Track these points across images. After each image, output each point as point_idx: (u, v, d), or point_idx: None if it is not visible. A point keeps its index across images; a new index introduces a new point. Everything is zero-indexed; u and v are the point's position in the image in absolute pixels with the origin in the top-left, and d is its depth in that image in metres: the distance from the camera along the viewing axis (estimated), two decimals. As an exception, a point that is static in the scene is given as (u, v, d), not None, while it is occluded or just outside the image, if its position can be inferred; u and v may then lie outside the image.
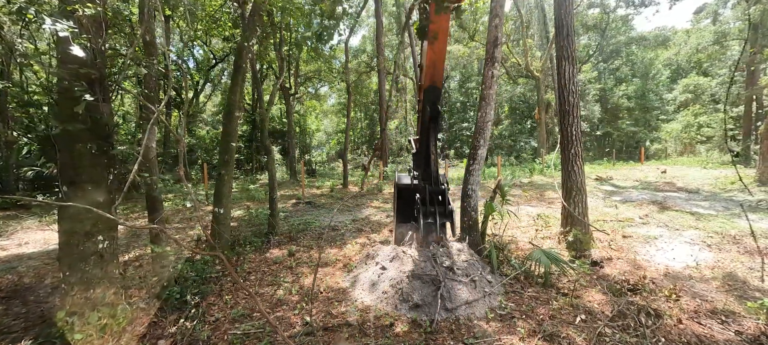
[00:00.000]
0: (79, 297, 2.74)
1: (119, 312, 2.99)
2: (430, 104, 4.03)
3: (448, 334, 3.07)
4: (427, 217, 4.13)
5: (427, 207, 4.17)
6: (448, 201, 4.24)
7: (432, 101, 4.01)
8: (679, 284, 3.95)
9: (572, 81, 5.12)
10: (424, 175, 4.49)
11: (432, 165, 4.34)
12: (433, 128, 4.19)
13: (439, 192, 4.30)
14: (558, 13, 5.26)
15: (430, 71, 3.74)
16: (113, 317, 2.95)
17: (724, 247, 5.24)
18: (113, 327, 2.95)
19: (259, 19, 5.69)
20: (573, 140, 5.13)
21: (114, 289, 2.99)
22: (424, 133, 4.32)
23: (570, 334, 3.00)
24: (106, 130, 2.97)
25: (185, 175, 2.57)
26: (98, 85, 2.75)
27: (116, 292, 3.00)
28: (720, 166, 15.48)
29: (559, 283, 4.05)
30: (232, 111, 5.35)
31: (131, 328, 3.15)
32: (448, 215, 4.18)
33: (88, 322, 2.71)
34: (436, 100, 4.02)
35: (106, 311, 2.91)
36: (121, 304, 3.02)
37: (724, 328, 3.09)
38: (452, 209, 4.22)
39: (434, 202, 4.25)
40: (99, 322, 2.79)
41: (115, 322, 2.96)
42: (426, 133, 4.27)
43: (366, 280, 4.11)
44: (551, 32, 21.03)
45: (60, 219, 2.90)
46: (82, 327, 2.71)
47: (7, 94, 9.78)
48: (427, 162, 4.40)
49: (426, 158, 4.43)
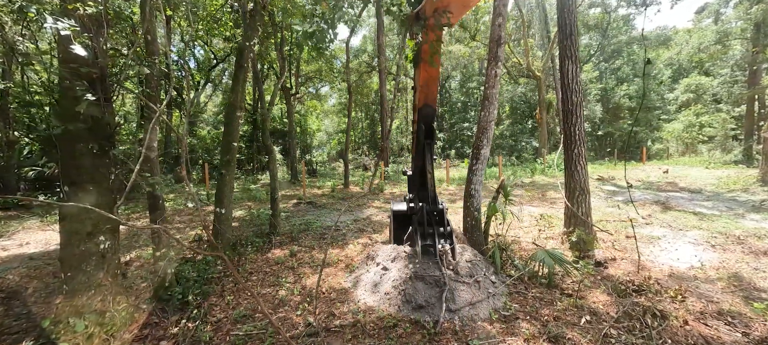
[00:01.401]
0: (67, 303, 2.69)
1: (108, 318, 2.93)
2: (425, 123, 4.03)
3: (452, 336, 3.04)
4: (425, 239, 3.94)
5: (426, 228, 3.98)
6: (446, 221, 4.06)
7: (427, 120, 4.02)
8: (684, 285, 3.91)
9: (575, 80, 5.09)
10: (421, 195, 4.38)
11: (429, 184, 4.21)
12: (429, 146, 4.14)
13: (436, 212, 4.14)
14: (561, 12, 5.23)
15: (423, 91, 3.78)
16: (101, 325, 2.88)
17: (728, 247, 5.20)
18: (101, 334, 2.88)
19: (261, 19, 5.67)
20: (576, 140, 5.10)
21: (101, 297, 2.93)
22: (420, 152, 4.28)
23: (575, 336, 2.97)
24: (108, 129, 2.96)
25: (187, 175, 2.55)
26: (99, 85, 2.74)
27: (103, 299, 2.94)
28: (722, 166, 15.43)
29: (562, 284, 4.02)
30: (234, 111, 5.33)
31: (121, 335, 3.09)
32: (447, 236, 3.99)
33: (74, 330, 2.66)
34: (431, 120, 4.02)
35: (94, 318, 2.83)
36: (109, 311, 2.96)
37: (731, 329, 3.06)
38: (451, 230, 4.03)
39: (432, 222, 4.07)
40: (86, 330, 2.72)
41: (103, 329, 2.89)
42: (422, 151, 4.24)
43: (368, 280, 4.08)
44: (552, 32, 21.00)
45: (61, 219, 2.89)
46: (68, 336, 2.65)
47: (9, 94, 9.79)
48: (424, 181, 4.29)
49: (422, 177, 4.34)
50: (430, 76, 3.61)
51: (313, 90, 26.28)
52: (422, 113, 4.00)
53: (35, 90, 8.30)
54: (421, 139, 4.15)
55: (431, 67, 3.47)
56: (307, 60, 18.24)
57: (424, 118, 4.02)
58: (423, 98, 3.87)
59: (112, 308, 2.99)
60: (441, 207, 4.17)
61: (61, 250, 2.93)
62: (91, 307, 2.82)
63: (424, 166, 4.19)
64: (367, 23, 28.93)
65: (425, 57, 3.36)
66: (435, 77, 3.66)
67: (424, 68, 3.52)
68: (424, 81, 3.67)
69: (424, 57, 3.36)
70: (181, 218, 8.73)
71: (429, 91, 3.78)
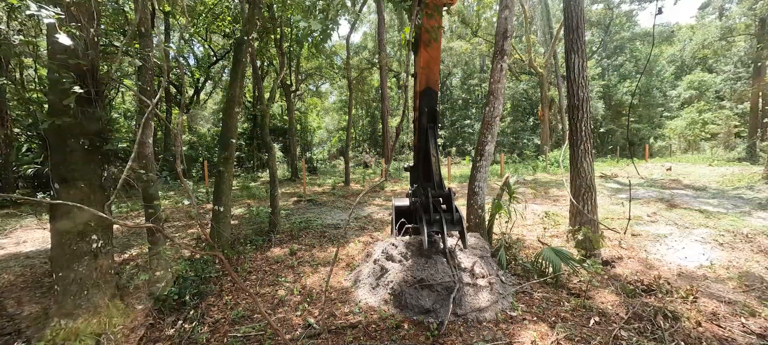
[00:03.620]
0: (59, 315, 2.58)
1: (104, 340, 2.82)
2: (428, 107, 3.89)
3: (457, 337, 2.94)
4: (431, 226, 3.45)
5: (432, 215, 3.47)
6: (455, 208, 3.54)
7: (429, 104, 3.88)
8: (695, 284, 3.81)
9: (582, 75, 4.96)
10: (426, 179, 4.08)
11: (433, 168, 3.85)
12: (432, 131, 4.01)
13: (443, 196, 3.66)
14: (567, 5, 5.09)
15: (424, 73, 3.61)
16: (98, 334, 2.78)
17: (736, 245, 5.09)
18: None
19: (259, 13, 5.55)
20: (582, 136, 4.98)
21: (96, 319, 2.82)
22: (423, 136, 4.13)
23: (584, 337, 2.87)
24: (99, 124, 2.84)
25: (182, 172, 2.44)
26: (90, 77, 2.62)
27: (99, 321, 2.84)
28: (726, 163, 15.28)
29: (569, 283, 3.91)
30: (232, 106, 5.22)
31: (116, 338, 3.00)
32: (456, 223, 3.46)
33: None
34: (433, 104, 3.88)
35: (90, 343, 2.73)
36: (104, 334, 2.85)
37: (746, 330, 2.95)
38: (461, 216, 3.51)
39: (439, 209, 3.64)
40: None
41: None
42: (425, 136, 4.09)
43: (369, 281, 3.98)
44: (554, 28, 20.79)
45: (52, 218, 2.79)
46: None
47: (6, 91, 9.67)
48: (428, 164, 3.98)
49: (426, 160, 4.10)
50: (430, 58, 3.44)
51: (314, 87, 26.12)
52: (424, 97, 3.85)
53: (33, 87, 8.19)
54: (424, 124, 4.01)
55: (431, 48, 3.31)
56: (307, 57, 18.09)
57: (426, 102, 3.87)
58: (424, 81, 3.71)
59: (109, 329, 2.87)
60: (448, 191, 3.65)
61: (52, 249, 2.83)
62: (86, 329, 2.70)
63: (428, 151, 3.97)
64: (368, 19, 28.73)
65: (426, 38, 3.19)
66: (436, 58, 3.49)
67: (424, 49, 3.38)
68: (424, 63, 3.51)
69: (425, 38, 3.20)
70: (178, 216, 8.64)
71: (430, 73, 3.62)
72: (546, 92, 20.84)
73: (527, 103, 28.04)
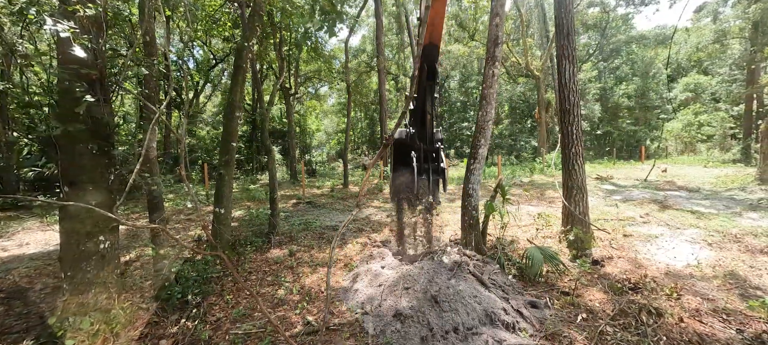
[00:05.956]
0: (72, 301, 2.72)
1: (112, 316, 2.96)
2: (428, 63, 4.06)
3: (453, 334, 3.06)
4: (421, 174, 4.40)
5: (422, 164, 4.46)
6: (441, 159, 4.57)
7: (430, 60, 4.04)
8: (680, 283, 3.94)
9: (573, 80, 5.11)
10: (420, 134, 4.66)
11: (427, 124, 4.53)
12: (430, 87, 4.26)
13: (433, 150, 4.60)
14: (558, 12, 5.25)
15: (429, 29, 3.73)
16: (107, 323, 2.92)
17: (725, 245, 5.23)
18: (106, 332, 2.92)
19: (259, 20, 5.69)
20: (574, 139, 5.13)
21: (107, 295, 2.97)
22: (421, 92, 4.37)
23: (571, 333, 3.00)
24: (107, 130, 2.97)
25: (186, 175, 2.57)
26: (99, 86, 2.76)
27: (109, 296, 2.98)
28: (721, 164, 15.47)
29: (559, 282, 4.05)
30: (233, 111, 5.35)
31: (125, 332, 3.13)
32: (440, 172, 4.53)
33: (80, 327, 2.69)
34: (434, 60, 4.06)
35: (100, 316, 2.88)
36: (114, 309, 2.99)
37: (726, 326, 3.09)
38: (444, 167, 4.61)
39: (429, 159, 4.58)
40: (91, 327, 2.76)
41: (108, 327, 2.93)
42: (423, 92, 4.32)
43: (367, 281, 4.10)
44: (551, 31, 21.02)
45: (61, 219, 2.91)
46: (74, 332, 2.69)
47: (8, 95, 9.78)
48: (423, 121, 4.55)
49: (422, 117, 4.55)
50: (436, 13, 3.57)
51: (313, 90, 26.27)
52: (426, 52, 3.98)
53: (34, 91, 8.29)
54: (424, 80, 4.20)
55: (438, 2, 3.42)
56: (306, 60, 18.26)
57: (427, 57, 4.01)
58: (428, 36, 3.81)
59: (117, 306, 3.01)
60: (437, 145, 4.63)
61: (61, 249, 2.94)
62: (96, 304, 2.84)
63: (424, 106, 4.40)
64: (366, 23, 28.94)
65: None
66: (441, 14, 3.65)
67: (433, 6, 3.47)
68: (430, 18, 3.61)
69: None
70: (180, 218, 8.75)
71: (434, 28, 3.74)
72: (543, 95, 21.04)
73: (525, 105, 28.23)
